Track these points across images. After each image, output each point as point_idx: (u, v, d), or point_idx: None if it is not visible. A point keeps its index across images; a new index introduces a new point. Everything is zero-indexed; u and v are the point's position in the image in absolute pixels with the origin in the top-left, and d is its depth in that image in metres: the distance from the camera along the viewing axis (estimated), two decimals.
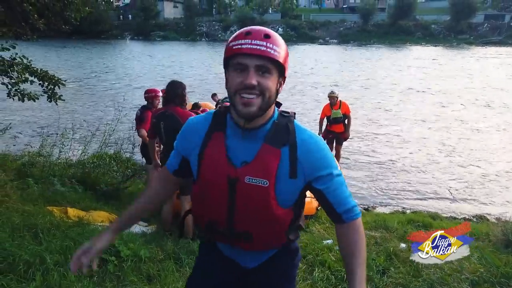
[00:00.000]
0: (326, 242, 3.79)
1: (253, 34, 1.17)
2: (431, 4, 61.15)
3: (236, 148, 1.27)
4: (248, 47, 1.15)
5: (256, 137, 1.26)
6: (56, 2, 5.43)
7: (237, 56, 1.18)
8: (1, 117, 10.11)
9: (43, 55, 25.54)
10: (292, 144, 1.26)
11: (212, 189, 1.29)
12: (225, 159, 1.26)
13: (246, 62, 1.16)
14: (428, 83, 18.55)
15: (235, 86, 1.18)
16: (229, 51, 1.20)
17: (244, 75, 1.17)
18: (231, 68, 1.21)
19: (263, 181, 1.23)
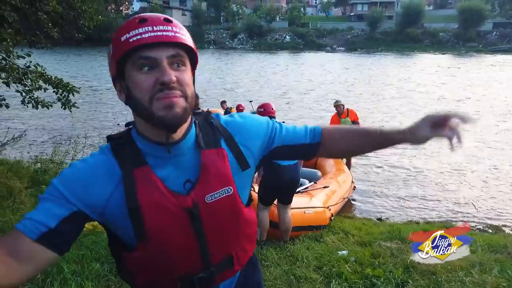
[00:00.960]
0: (341, 253, 3.74)
1: (150, 21, 0.89)
2: (439, 12, 61.20)
3: (170, 174, 0.96)
4: (152, 35, 0.86)
5: (186, 150, 0.98)
6: (70, 11, 5.49)
7: (137, 52, 0.87)
8: (16, 125, 10.22)
9: (55, 62, 25.86)
10: (226, 134, 1.04)
11: (171, 238, 0.95)
12: (169, 194, 0.94)
13: (155, 55, 0.87)
14: (447, 91, 18.44)
15: (149, 88, 0.87)
16: (124, 46, 0.87)
17: (157, 72, 0.88)
18: (131, 69, 0.89)
19: (226, 189, 0.99)
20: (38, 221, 0.89)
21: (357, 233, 4.57)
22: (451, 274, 3.27)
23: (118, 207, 0.92)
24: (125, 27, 0.90)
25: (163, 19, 0.91)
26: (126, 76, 0.91)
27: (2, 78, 4.91)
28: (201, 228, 0.98)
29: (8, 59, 4.99)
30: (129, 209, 0.91)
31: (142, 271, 1.00)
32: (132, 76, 0.90)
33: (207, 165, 0.98)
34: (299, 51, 47.23)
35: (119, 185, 0.93)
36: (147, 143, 0.95)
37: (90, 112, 13.20)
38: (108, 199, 0.93)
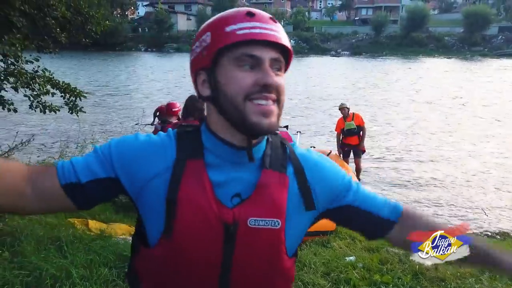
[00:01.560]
0: (349, 259, 3.72)
1: (258, 16, 0.82)
2: (444, 16, 61.15)
3: (222, 180, 0.87)
4: (262, 32, 0.80)
5: (249, 162, 0.88)
6: (78, 16, 5.54)
7: (241, 46, 0.80)
8: (24, 129, 10.30)
9: (62, 67, 26.05)
10: (296, 164, 0.93)
11: (197, 244, 0.85)
12: (213, 199, 0.85)
13: (260, 54, 0.81)
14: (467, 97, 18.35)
15: (247, 87, 0.80)
16: (229, 37, 0.80)
17: (258, 73, 0.81)
18: (229, 63, 0.82)
19: (273, 221, 0.86)
20: (75, 170, 0.87)
21: (364, 239, 4.54)
22: (461, 281, 3.24)
23: (157, 191, 0.85)
24: (231, 17, 0.83)
25: (269, 17, 0.85)
26: (218, 68, 0.83)
27: (11, 82, 4.94)
28: (231, 250, 0.86)
29: (17, 64, 5.03)
30: (167, 199, 0.84)
31: (151, 275, 0.91)
32: (229, 70, 0.82)
33: (263, 186, 0.87)
34: (304, 55, 47.22)
35: (168, 169, 0.86)
36: (215, 140, 0.88)
37: (97, 117, 13.27)
38: (152, 179, 0.86)
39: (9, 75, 4.91)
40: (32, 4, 4.91)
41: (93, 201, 0.91)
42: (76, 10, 5.45)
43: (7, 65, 4.93)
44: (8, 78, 4.91)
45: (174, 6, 63.99)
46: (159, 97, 16.76)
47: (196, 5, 64.23)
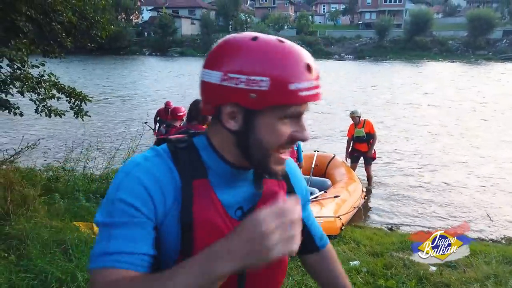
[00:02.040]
0: (353, 264, 3.71)
1: (314, 70, 0.81)
2: (448, 20, 61.09)
3: (227, 197, 0.89)
4: (318, 92, 0.81)
5: (246, 176, 0.92)
6: (83, 21, 5.60)
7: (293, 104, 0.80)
8: (30, 133, 10.36)
9: (67, 71, 26.24)
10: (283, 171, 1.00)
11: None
12: (227, 216, 0.87)
13: (303, 110, 0.82)
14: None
15: (282, 140, 0.81)
16: (291, 97, 0.78)
17: (294, 125, 0.82)
18: (274, 115, 0.80)
19: None
20: (138, 252, 0.78)
21: (369, 243, 4.53)
22: (466, 286, 3.23)
23: (174, 218, 0.83)
24: (294, 71, 0.78)
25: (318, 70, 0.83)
26: (261, 114, 0.80)
27: (17, 87, 5.00)
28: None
29: (23, 69, 5.09)
30: (182, 222, 0.82)
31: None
32: (272, 121, 0.80)
33: (268, 194, 0.91)
34: None
35: (178, 194, 0.83)
36: (217, 159, 0.87)
37: (102, 121, 13.34)
38: (170, 208, 0.82)
39: (15, 79, 4.96)
40: (39, 9, 4.97)
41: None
42: (81, 15, 5.52)
43: (13, 70, 4.98)
44: (14, 82, 4.97)
45: (178, 10, 64.31)
46: (164, 100, 16.83)
47: (200, 9, 64.51)
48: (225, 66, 0.80)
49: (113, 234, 0.78)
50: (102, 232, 0.80)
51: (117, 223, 0.79)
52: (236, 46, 0.82)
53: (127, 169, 0.84)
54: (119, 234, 0.78)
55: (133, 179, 0.81)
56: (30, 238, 3.19)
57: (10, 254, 3.00)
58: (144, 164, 0.84)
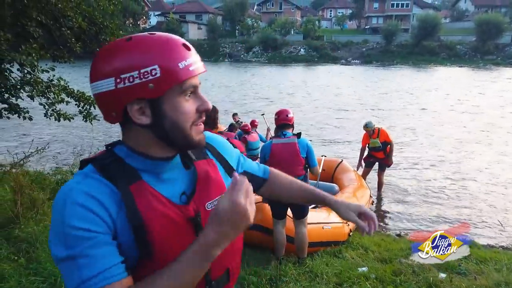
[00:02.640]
0: (361, 270, 3.68)
1: (192, 49, 0.92)
2: (456, 25, 60.72)
3: (166, 189, 0.94)
4: (201, 64, 0.92)
5: (176, 164, 0.98)
6: (92, 27, 5.65)
7: (189, 79, 0.89)
8: (39, 137, 10.47)
9: (76, 75, 26.46)
10: (209, 146, 1.11)
11: (177, 250, 0.86)
12: (171, 204, 0.92)
13: (197, 83, 0.92)
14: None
15: (191, 116, 0.91)
16: (183, 74, 0.87)
17: (196, 100, 0.93)
18: (175, 95, 0.88)
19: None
20: (110, 264, 0.82)
21: (377, 249, 4.49)
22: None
23: (123, 227, 0.85)
24: (177, 51, 0.88)
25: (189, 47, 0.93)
26: (165, 100, 0.88)
27: (27, 91, 5.04)
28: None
29: (33, 73, 5.13)
30: (134, 226, 0.85)
31: None
32: (175, 101, 0.89)
33: (202, 174, 1.01)
34: (314, 64, 47.31)
35: (121, 204, 0.86)
36: (145, 159, 0.92)
37: (109, 125, 13.39)
38: (116, 220, 0.85)
39: (25, 84, 5.01)
40: (49, 15, 5.03)
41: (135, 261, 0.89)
42: (91, 21, 5.57)
43: (23, 74, 5.03)
44: (24, 87, 5.01)
45: (185, 15, 64.80)
46: None
47: (207, 14, 64.94)
48: (113, 71, 0.85)
49: (80, 263, 0.80)
50: (68, 266, 0.81)
51: (79, 251, 0.80)
52: (116, 50, 0.87)
53: (63, 197, 0.84)
54: (86, 260, 0.80)
55: (74, 205, 0.82)
56: (39, 242, 3.21)
57: (19, 257, 3.02)
58: (77, 187, 0.85)
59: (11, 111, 5.09)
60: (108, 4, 5.77)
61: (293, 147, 3.89)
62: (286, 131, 3.98)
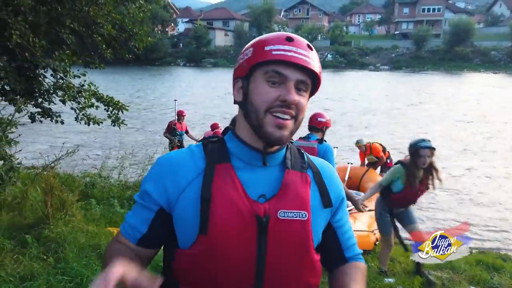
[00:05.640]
0: (387, 281, 3.57)
1: (296, 42, 0.93)
2: (490, 30, 58.70)
3: (250, 180, 0.96)
4: (294, 55, 0.91)
5: (272, 163, 1.00)
6: (122, 33, 5.80)
7: (274, 64, 0.92)
8: (70, 140, 10.82)
9: (105, 80, 27.31)
10: (315, 168, 1.05)
11: (233, 238, 0.90)
12: (244, 195, 0.93)
13: (287, 74, 0.92)
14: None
15: (269, 101, 0.91)
16: (266, 55, 0.92)
17: (282, 89, 0.92)
18: (259, 78, 0.94)
19: (301, 213, 0.95)
20: (134, 226, 0.99)
21: (404, 260, 4.35)
22: None
23: (191, 197, 0.93)
24: (272, 39, 0.95)
25: (307, 44, 0.95)
26: (251, 80, 0.96)
27: (59, 96, 5.21)
28: (265, 241, 0.93)
29: (65, 79, 5.31)
30: (202, 198, 0.92)
31: (189, 275, 0.93)
32: (258, 83, 0.94)
33: (288, 183, 0.98)
34: (341, 69, 46.86)
35: (199, 176, 0.95)
36: (242, 145, 0.99)
37: (138, 129, 13.72)
38: (185, 188, 0.94)
39: (57, 88, 5.18)
40: (81, 22, 5.20)
41: (163, 239, 1.01)
42: (121, 28, 5.72)
43: (56, 80, 5.21)
44: (56, 91, 5.18)
45: (213, 22, 65.68)
46: (199, 110, 17.13)
47: (234, 21, 65.61)
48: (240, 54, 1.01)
49: (133, 209, 1.02)
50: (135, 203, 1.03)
51: (137, 202, 1.01)
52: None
53: (155, 162, 1.03)
54: (133, 210, 1.02)
55: (153, 171, 1.01)
56: (67, 242, 3.29)
57: (48, 256, 3.10)
58: (166, 156, 1.02)
59: (44, 115, 5.27)
60: (137, 12, 5.91)
61: (312, 151, 3.83)
62: (312, 134, 3.97)
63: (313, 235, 0.98)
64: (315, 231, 0.99)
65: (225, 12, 70.68)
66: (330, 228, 1.06)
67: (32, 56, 4.59)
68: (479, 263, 4.49)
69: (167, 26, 63.50)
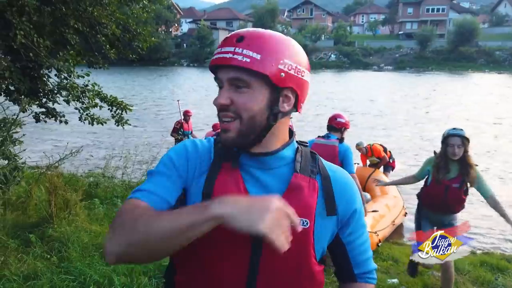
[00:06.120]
0: (391, 282, 3.56)
1: (226, 40, 0.92)
2: (495, 30, 58.44)
3: (255, 181, 0.95)
4: (218, 56, 0.90)
5: (275, 165, 0.96)
6: (126, 34, 5.82)
7: (216, 70, 0.93)
8: (74, 140, 10.84)
9: (109, 80, 27.41)
10: (325, 174, 1.00)
11: (227, 237, 0.86)
12: (245, 194, 0.93)
13: (220, 76, 0.92)
14: None
15: (216, 108, 0.93)
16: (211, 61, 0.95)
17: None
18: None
19: (302, 220, 0.91)
20: (162, 196, 0.92)
21: (408, 261, 4.33)
22: None
23: (197, 190, 0.94)
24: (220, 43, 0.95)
25: (238, 37, 0.90)
26: None
27: (63, 96, 5.23)
28: (260, 247, 0.90)
29: (69, 79, 5.33)
30: (203, 193, 0.92)
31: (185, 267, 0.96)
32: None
33: (294, 187, 0.94)
34: (345, 70, 46.76)
35: (206, 171, 0.96)
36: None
37: (141, 129, 13.75)
38: (197, 177, 0.95)
39: (62, 88, 5.20)
40: (85, 22, 5.22)
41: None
42: (125, 28, 5.74)
43: (60, 80, 5.23)
44: (61, 91, 5.20)
45: (216, 22, 65.80)
46: (202, 111, 17.15)
47: (237, 21, 65.70)
48: None
49: (150, 179, 0.96)
50: (148, 176, 0.98)
51: (157, 171, 0.97)
52: None
53: (180, 143, 1.03)
54: (154, 179, 0.95)
55: (181, 145, 1.01)
56: (71, 241, 3.30)
57: (52, 255, 3.12)
58: (193, 140, 1.03)
59: (48, 115, 5.30)
60: (141, 12, 5.93)
61: (333, 150, 3.87)
62: (331, 133, 4.02)
63: (315, 243, 0.95)
64: (318, 239, 0.96)
65: (228, 12, 70.82)
66: (339, 243, 1.02)
67: (36, 56, 4.61)
68: (483, 264, 4.47)
69: (170, 27, 63.64)
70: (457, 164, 3.11)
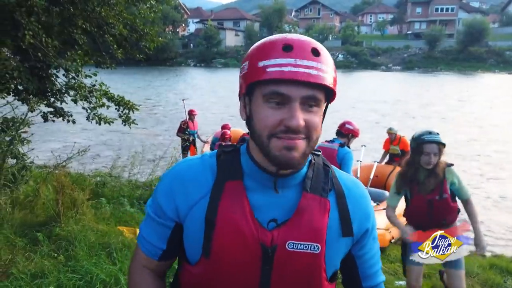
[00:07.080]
0: (398, 284, 3.53)
1: (296, 50, 0.78)
2: (505, 30, 57.75)
3: (262, 202, 0.87)
4: (293, 70, 0.77)
5: (288, 185, 0.89)
6: (133, 34, 5.84)
7: (272, 84, 0.79)
8: (81, 139, 10.94)
9: (116, 81, 27.59)
10: (339, 190, 0.92)
11: (235, 266, 0.85)
12: (252, 220, 0.85)
13: (290, 93, 0.78)
14: None
15: (271, 127, 0.80)
16: (259, 74, 0.79)
17: (285, 112, 0.79)
18: (259, 98, 0.82)
19: (313, 245, 0.85)
20: (153, 243, 0.96)
21: None
22: None
23: (198, 217, 0.88)
24: (267, 50, 0.81)
25: (312, 49, 0.79)
26: (253, 98, 0.84)
27: (71, 96, 5.27)
28: (269, 273, 0.86)
29: (77, 78, 5.36)
30: (206, 218, 0.86)
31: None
32: (258, 105, 0.82)
33: (303, 209, 0.87)
34: (352, 70, 46.56)
35: (208, 193, 0.88)
36: (252, 164, 0.89)
37: (148, 129, 13.82)
38: (194, 205, 0.88)
39: (69, 88, 5.23)
40: (93, 22, 5.25)
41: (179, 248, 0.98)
42: (132, 28, 5.76)
43: (68, 79, 5.26)
44: (68, 91, 5.24)
45: (223, 22, 65.89)
46: (209, 111, 17.18)
47: (244, 21, 65.74)
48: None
49: (147, 222, 0.98)
50: (146, 216, 1.00)
51: (150, 216, 0.97)
52: None
53: (167, 172, 0.98)
54: (149, 224, 0.97)
55: (164, 182, 0.95)
56: (78, 240, 3.31)
57: (59, 254, 3.13)
58: (177, 167, 0.96)
59: (56, 115, 5.34)
60: (148, 12, 5.95)
61: (332, 153, 3.94)
62: (337, 138, 4.13)
63: (327, 266, 0.90)
64: (330, 263, 0.90)
65: (235, 12, 70.89)
66: (349, 256, 0.98)
67: (44, 56, 4.64)
68: (492, 267, 4.41)
69: (178, 27, 63.85)
70: (427, 171, 2.64)
